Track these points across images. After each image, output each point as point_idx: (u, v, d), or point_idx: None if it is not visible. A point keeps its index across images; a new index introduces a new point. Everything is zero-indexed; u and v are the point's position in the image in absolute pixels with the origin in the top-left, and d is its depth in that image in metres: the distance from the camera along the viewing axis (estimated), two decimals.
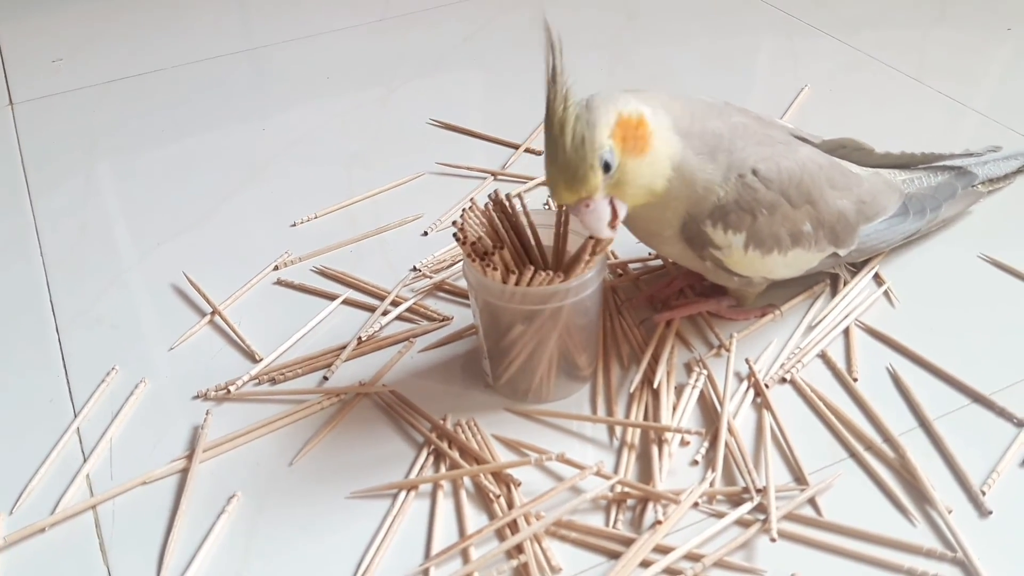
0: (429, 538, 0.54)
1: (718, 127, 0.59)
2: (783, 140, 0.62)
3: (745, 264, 0.62)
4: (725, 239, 0.60)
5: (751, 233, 0.60)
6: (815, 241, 0.63)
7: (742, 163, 0.59)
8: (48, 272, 0.77)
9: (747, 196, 0.59)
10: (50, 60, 1.09)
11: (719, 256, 0.61)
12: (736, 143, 0.59)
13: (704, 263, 0.62)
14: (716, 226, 0.59)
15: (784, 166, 0.60)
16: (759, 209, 0.59)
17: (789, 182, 0.60)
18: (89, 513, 0.57)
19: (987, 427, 0.59)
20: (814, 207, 0.62)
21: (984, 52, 1.02)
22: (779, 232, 0.61)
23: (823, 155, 0.65)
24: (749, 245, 0.60)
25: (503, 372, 0.61)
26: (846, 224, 0.64)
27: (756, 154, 0.59)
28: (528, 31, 1.11)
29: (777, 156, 0.60)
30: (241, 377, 0.65)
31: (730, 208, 0.59)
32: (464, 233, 0.58)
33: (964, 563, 0.51)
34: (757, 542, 0.53)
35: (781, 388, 0.63)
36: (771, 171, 0.59)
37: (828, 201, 0.63)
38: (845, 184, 0.64)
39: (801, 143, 0.64)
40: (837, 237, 0.64)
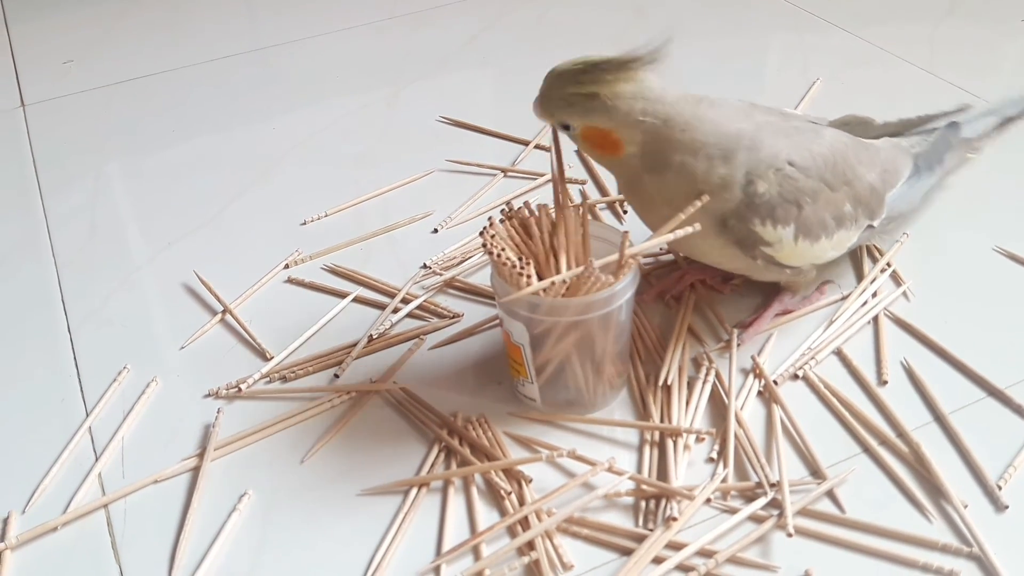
0: (440, 535, 0.54)
1: (740, 128, 0.59)
2: (808, 128, 0.63)
3: (796, 255, 0.62)
4: (775, 234, 0.60)
5: (799, 224, 0.60)
6: (856, 219, 0.64)
7: (775, 157, 0.59)
8: (59, 272, 0.77)
9: (789, 187, 0.59)
10: (61, 62, 1.09)
11: (770, 252, 0.61)
12: (764, 140, 0.59)
13: (755, 262, 0.62)
14: (765, 223, 0.59)
15: (816, 152, 0.61)
16: (803, 198, 0.60)
17: (825, 166, 0.61)
18: (101, 512, 0.57)
19: (1003, 421, 0.59)
20: (851, 187, 0.63)
21: (997, 44, 1.01)
22: (824, 218, 0.61)
23: (844, 134, 0.65)
24: (799, 236, 0.61)
25: (547, 390, 0.60)
26: (877, 196, 0.65)
27: (787, 146, 0.60)
28: (535, 28, 1.10)
29: (808, 144, 0.61)
30: (252, 375, 0.65)
31: (776, 203, 0.59)
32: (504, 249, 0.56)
33: (980, 558, 0.51)
34: (770, 538, 0.53)
35: (793, 383, 0.62)
36: (806, 159, 0.60)
37: (860, 178, 0.63)
38: (868, 158, 0.65)
39: (825, 127, 0.65)
40: (872, 210, 0.65)
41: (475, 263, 0.74)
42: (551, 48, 1.05)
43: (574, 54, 0.58)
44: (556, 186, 0.58)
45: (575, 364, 0.58)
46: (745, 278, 0.69)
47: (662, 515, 0.54)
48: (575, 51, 0.59)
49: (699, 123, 0.58)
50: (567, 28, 1.09)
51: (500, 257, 0.55)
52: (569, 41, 1.06)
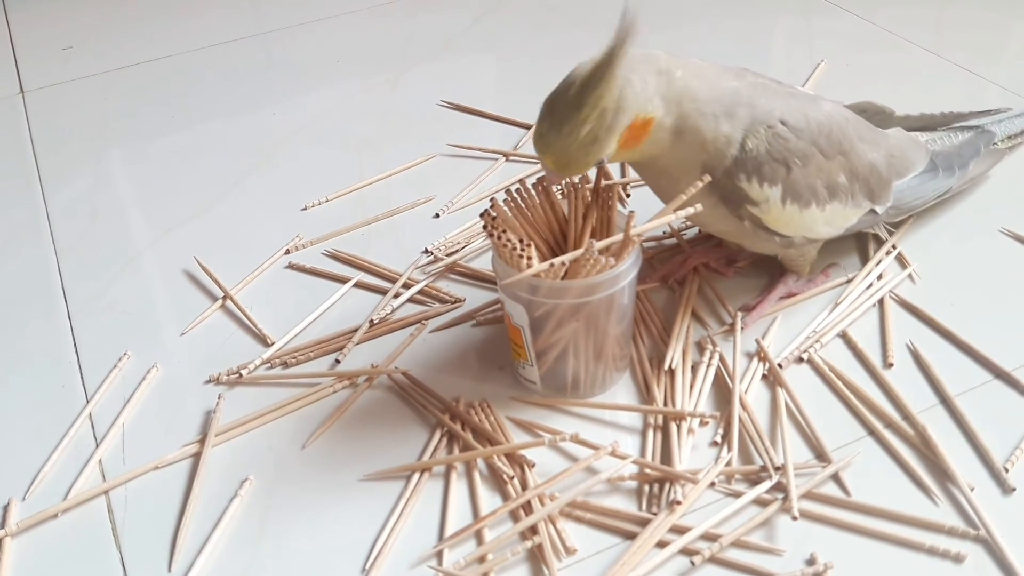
0: (443, 520, 0.54)
1: (735, 86, 0.58)
2: (804, 95, 0.62)
3: (784, 220, 0.61)
4: (761, 193, 0.59)
5: (787, 185, 0.59)
6: (851, 195, 0.63)
7: (768, 115, 0.58)
8: (60, 258, 0.76)
9: (778, 146, 0.58)
10: (60, 48, 1.09)
11: (757, 213, 0.60)
12: (758, 99, 0.58)
13: (742, 223, 0.61)
14: (751, 180, 0.58)
15: (812, 116, 0.60)
16: (792, 159, 0.59)
17: (819, 131, 0.60)
18: (102, 498, 0.57)
19: (1010, 403, 0.58)
20: (846, 158, 0.62)
21: (1004, 25, 1.00)
22: (815, 184, 0.60)
23: (847, 110, 0.64)
24: (786, 198, 0.60)
25: (547, 373, 0.59)
26: (879, 178, 0.64)
27: (782, 106, 0.59)
28: (538, 11, 1.09)
29: (803, 107, 0.60)
30: (253, 361, 0.64)
31: (763, 160, 0.58)
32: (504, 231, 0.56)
33: (987, 540, 0.51)
34: (775, 521, 0.52)
35: (798, 367, 0.62)
36: (799, 121, 0.59)
37: (859, 152, 0.62)
38: (872, 138, 0.64)
39: (823, 97, 0.64)
40: (872, 192, 0.64)
41: (477, 248, 0.73)
42: (553, 31, 1.04)
43: (577, 36, 0.57)
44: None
45: (576, 347, 0.57)
46: (750, 261, 0.68)
47: (666, 499, 0.53)
48: (579, 33, 0.59)
49: (697, 82, 0.57)
50: (569, 10, 1.08)
51: (501, 239, 0.55)
52: (572, 23, 1.05)
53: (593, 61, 0.53)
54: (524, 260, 0.54)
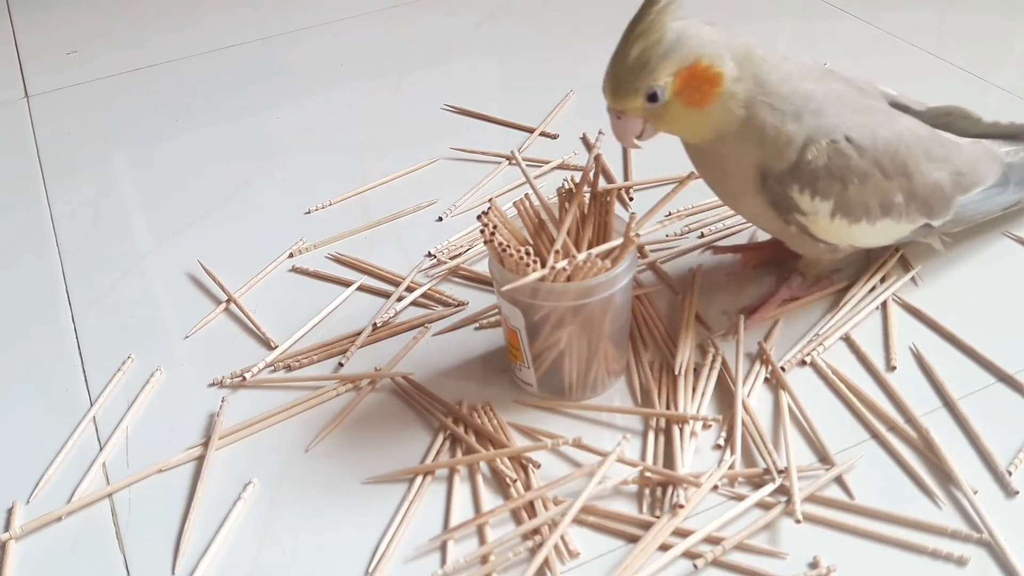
0: (446, 523, 0.54)
1: (811, 89, 0.58)
2: (882, 110, 0.61)
3: (831, 232, 0.61)
4: (812, 206, 0.59)
5: (839, 201, 0.59)
6: (906, 213, 0.62)
7: (834, 128, 0.58)
8: (64, 262, 0.77)
9: (839, 163, 0.58)
10: (65, 52, 1.09)
11: (804, 222, 0.60)
12: (829, 108, 0.58)
13: (788, 228, 0.61)
14: (804, 192, 0.58)
15: (880, 135, 0.59)
16: (850, 178, 0.58)
17: (884, 152, 0.59)
18: (105, 501, 0.57)
19: (1013, 406, 0.58)
20: (908, 179, 0.61)
21: (1007, 28, 1.00)
22: (869, 202, 0.60)
23: (923, 126, 0.63)
24: (836, 213, 0.59)
25: (543, 375, 0.59)
26: (941, 196, 0.63)
27: (851, 122, 0.58)
28: (542, 14, 1.10)
29: (874, 125, 0.59)
30: (257, 364, 0.64)
31: (820, 174, 0.58)
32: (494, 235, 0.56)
33: (990, 544, 0.50)
34: (778, 524, 0.52)
35: (801, 370, 0.62)
36: (865, 139, 0.58)
37: (924, 173, 0.61)
38: (943, 155, 0.63)
39: (902, 114, 0.63)
40: (931, 209, 0.63)
41: (480, 251, 0.73)
42: (557, 34, 1.04)
43: (581, 40, 0.57)
44: (585, 177, 0.58)
45: (573, 350, 0.58)
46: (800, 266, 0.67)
47: (669, 502, 0.53)
48: (582, 37, 0.59)
49: (774, 75, 0.56)
50: (574, 14, 1.08)
51: (494, 241, 0.55)
52: (576, 27, 1.05)
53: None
54: (521, 263, 0.54)
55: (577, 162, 0.83)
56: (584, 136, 0.86)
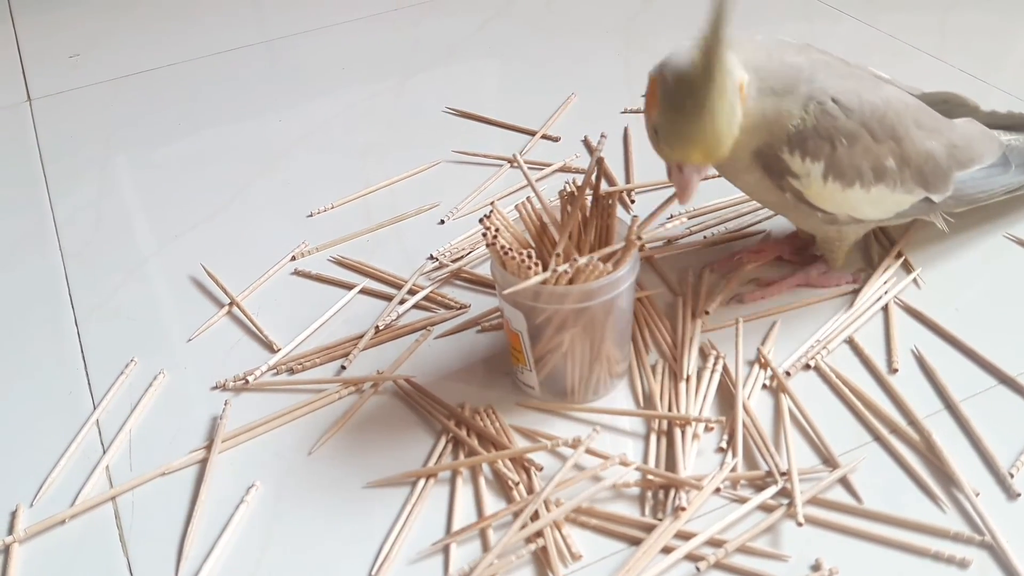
0: (448, 526, 0.54)
1: (798, 61, 0.59)
2: (868, 78, 0.62)
3: (825, 197, 0.61)
4: (803, 167, 0.59)
5: (830, 162, 0.59)
6: (900, 181, 0.62)
7: (821, 92, 0.58)
8: (66, 265, 0.77)
9: (825, 123, 0.58)
10: (67, 56, 1.09)
11: (798, 186, 0.60)
12: (817, 75, 0.59)
13: (784, 195, 0.61)
14: (794, 153, 0.59)
15: (866, 99, 0.60)
16: (838, 138, 0.59)
17: (871, 115, 0.60)
18: (109, 504, 0.57)
19: (1015, 408, 0.58)
20: (898, 144, 0.61)
21: (1008, 30, 1.00)
22: (860, 165, 0.60)
23: (910, 96, 0.64)
24: (828, 175, 0.60)
25: (545, 378, 0.60)
26: (935, 167, 0.63)
27: (838, 85, 0.59)
28: (544, 17, 1.10)
29: (860, 90, 0.60)
30: (259, 367, 0.64)
31: (808, 135, 0.58)
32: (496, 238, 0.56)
33: (992, 546, 0.51)
34: (780, 527, 0.52)
35: (804, 372, 0.62)
36: (852, 102, 0.59)
37: (914, 140, 0.62)
38: (934, 126, 0.64)
39: (888, 83, 0.64)
40: (926, 180, 0.63)
41: (481, 254, 0.73)
42: (559, 37, 1.04)
43: (582, 43, 0.57)
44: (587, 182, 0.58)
45: (575, 352, 0.58)
46: (819, 250, 0.68)
47: (671, 505, 0.53)
48: (583, 40, 0.59)
49: (760, 48, 0.57)
50: (576, 16, 1.09)
51: (496, 245, 0.55)
52: (578, 29, 1.05)
53: (700, 39, 0.51)
54: (522, 265, 0.54)
55: (579, 165, 0.83)
56: (586, 139, 0.86)
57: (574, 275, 0.55)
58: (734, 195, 0.75)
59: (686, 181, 0.56)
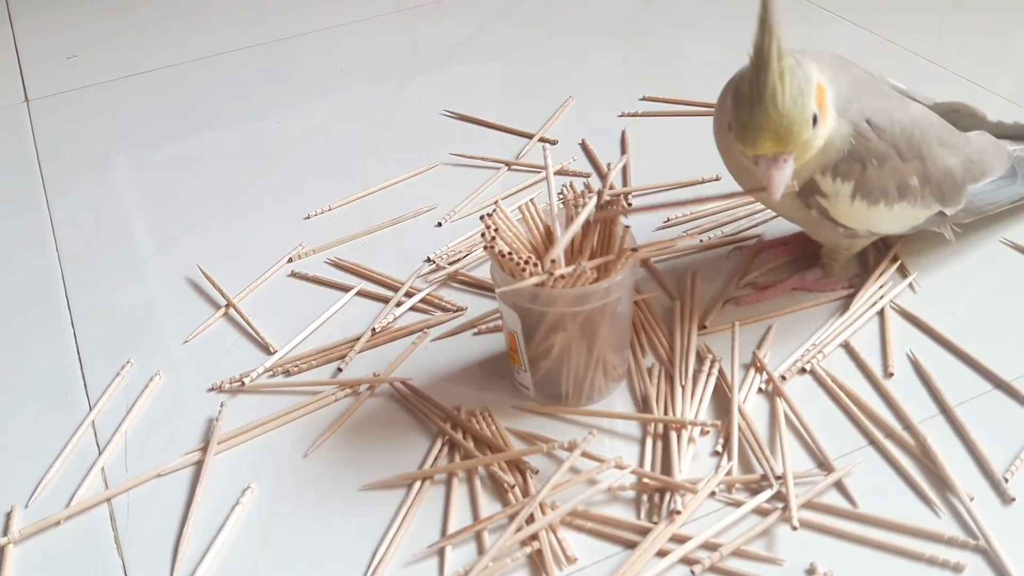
0: (444, 529, 0.54)
1: (847, 80, 0.59)
2: (895, 95, 0.63)
3: (850, 215, 0.61)
4: (833, 187, 0.59)
5: (859, 183, 0.60)
6: (921, 197, 0.63)
7: (857, 112, 0.59)
8: (63, 266, 0.77)
9: (859, 145, 0.59)
10: (65, 57, 1.10)
11: (825, 204, 0.60)
12: (854, 94, 0.59)
13: (809, 211, 0.61)
14: (825, 173, 0.59)
15: (896, 118, 0.60)
16: (869, 159, 0.59)
17: (901, 135, 0.60)
18: (104, 506, 0.57)
19: (1009, 414, 0.58)
20: (923, 163, 0.62)
21: (1006, 35, 1.00)
22: (887, 184, 0.61)
23: (933, 114, 0.64)
24: (856, 195, 0.60)
25: (540, 380, 0.60)
26: (953, 182, 0.64)
27: (872, 105, 0.59)
28: (544, 19, 1.10)
29: (891, 108, 0.60)
30: (255, 369, 0.64)
31: (843, 156, 0.58)
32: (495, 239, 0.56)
33: (986, 550, 0.51)
34: (775, 530, 0.52)
35: (800, 376, 0.62)
36: (884, 122, 0.59)
37: (937, 158, 0.63)
38: (953, 142, 0.64)
39: (912, 100, 0.64)
40: (944, 195, 0.64)
41: (479, 256, 0.73)
42: (558, 40, 1.04)
43: (581, 46, 0.57)
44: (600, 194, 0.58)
45: (570, 354, 0.58)
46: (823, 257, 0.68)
47: (666, 508, 0.53)
48: (582, 43, 0.59)
49: (818, 66, 0.57)
50: (576, 18, 1.09)
51: (494, 248, 0.55)
52: (577, 31, 1.05)
53: (755, 35, 0.52)
54: (519, 266, 0.54)
55: (576, 168, 0.83)
56: (583, 142, 0.86)
57: (570, 279, 0.55)
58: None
59: (767, 175, 0.54)
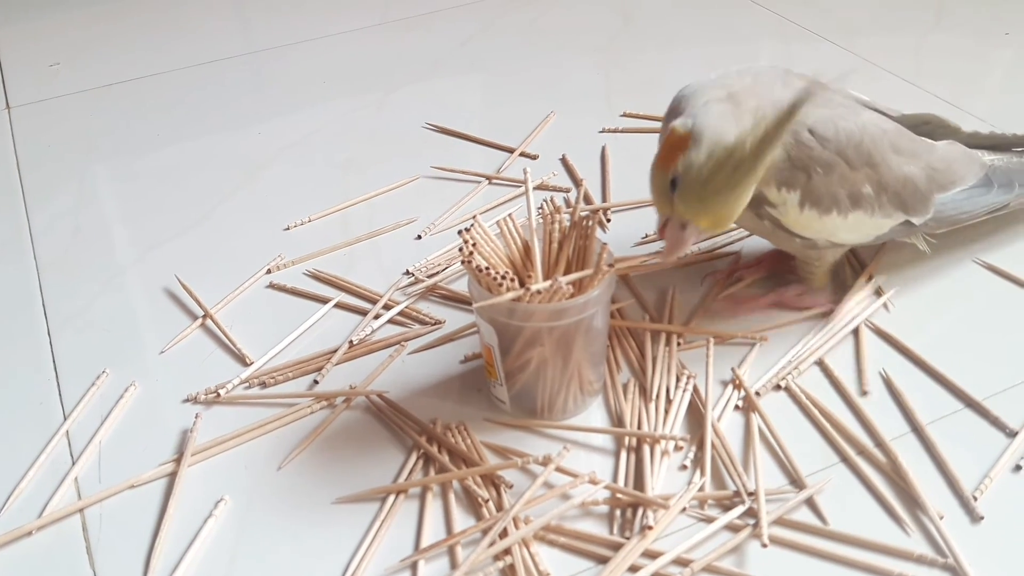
0: (417, 543, 0.54)
1: (783, 96, 0.58)
2: (845, 104, 0.63)
3: (803, 224, 0.62)
4: (779, 196, 0.60)
5: (806, 191, 0.60)
6: (878, 206, 0.63)
7: (800, 123, 0.59)
8: (41, 275, 0.76)
9: (801, 154, 0.59)
10: (47, 64, 1.09)
11: (775, 215, 0.61)
12: None
13: (762, 222, 0.62)
14: (769, 183, 0.59)
15: (842, 127, 0.60)
16: (813, 168, 0.60)
17: (847, 142, 0.60)
18: (77, 516, 0.57)
19: (980, 432, 0.59)
20: (875, 170, 0.62)
21: (982, 57, 1.01)
22: (837, 192, 0.61)
23: (889, 121, 0.65)
24: (804, 203, 0.60)
25: (516, 394, 0.60)
26: (915, 190, 0.64)
27: (813, 114, 0.60)
28: (527, 34, 1.10)
29: (836, 117, 0.61)
30: (231, 381, 0.64)
31: (783, 166, 0.59)
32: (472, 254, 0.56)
33: (955, 568, 0.51)
34: (746, 547, 0.53)
35: (775, 393, 0.62)
36: (828, 131, 0.60)
37: (891, 165, 0.63)
38: (912, 150, 0.64)
39: (866, 108, 0.64)
40: (905, 203, 0.64)
41: (458, 270, 0.73)
42: (540, 55, 1.05)
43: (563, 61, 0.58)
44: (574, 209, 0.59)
45: (546, 369, 0.58)
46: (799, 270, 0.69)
47: (639, 523, 0.54)
48: (564, 58, 0.59)
49: (751, 92, 0.59)
50: (558, 34, 1.09)
51: (472, 263, 0.56)
52: (559, 47, 1.06)
53: (761, 127, 0.54)
54: (496, 281, 0.55)
55: (556, 183, 0.83)
56: (564, 157, 0.87)
57: (547, 295, 0.55)
58: None
59: (683, 241, 0.57)
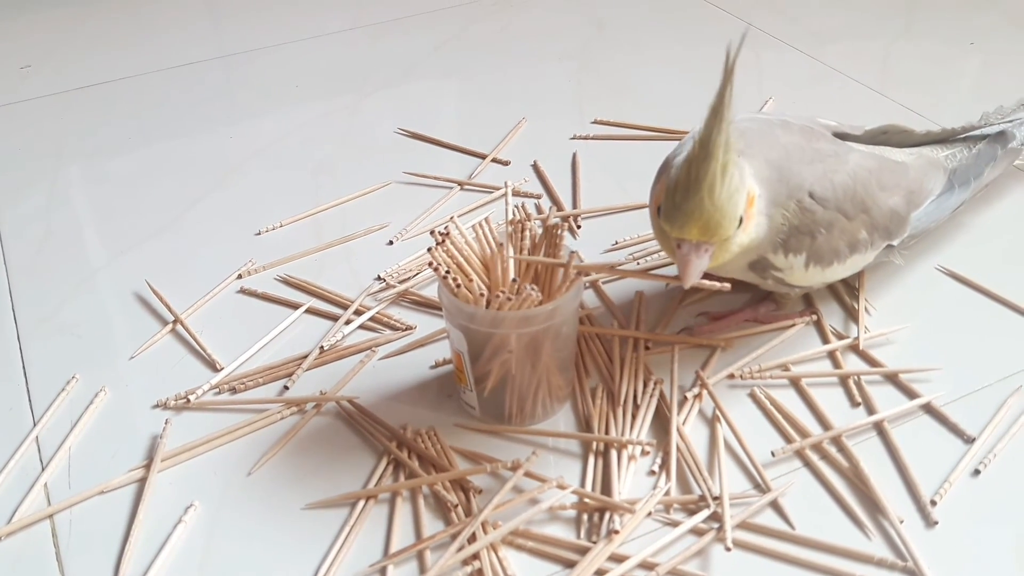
0: (387, 548, 0.54)
1: (778, 156, 0.60)
2: (832, 152, 0.63)
3: (807, 279, 0.63)
4: (786, 262, 0.61)
5: (811, 252, 0.61)
6: (871, 244, 0.65)
7: (799, 188, 0.59)
8: (10, 279, 0.76)
9: (806, 220, 0.60)
10: (18, 67, 1.09)
11: (780, 276, 0.62)
12: (792, 168, 0.60)
13: (765, 282, 0.63)
14: (777, 252, 0.60)
15: (838, 182, 0.61)
16: (818, 230, 0.61)
17: (844, 197, 0.61)
18: (46, 522, 0.57)
19: (939, 438, 0.60)
20: (868, 214, 0.63)
21: (948, 66, 1.03)
22: (838, 246, 0.62)
23: (870, 157, 0.65)
24: (810, 263, 0.62)
25: (486, 400, 0.60)
26: (898, 219, 0.66)
27: (810, 175, 0.60)
28: (499, 40, 1.11)
29: (829, 172, 0.61)
30: (201, 386, 0.65)
31: (790, 234, 0.60)
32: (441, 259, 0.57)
33: (914, 572, 0.52)
34: (710, 551, 0.54)
35: (738, 397, 0.63)
36: (827, 190, 0.61)
37: (880, 204, 0.64)
38: (894, 182, 0.66)
39: (850, 148, 0.65)
40: (891, 233, 0.66)
41: (429, 275, 0.74)
42: (513, 61, 1.06)
43: (535, 68, 0.58)
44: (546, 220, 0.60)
45: (516, 374, 0.59)
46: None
47: (606, 527, 0.54)
48: (536, 65, 0.60)
49: (753, 148, 0.59)
50: (530, 40, 1.10)
51: (447, 278, 0.56)
52: (531, 54, 1.07)
53: (705, 122, 0.53)
54: (463, 289, 0.55)
55: (528, 189, 0.84)
56: (535, 164, 0.88)
57: (515, 302, 0.56)
58: None
59: (685, 260, 0.55)
